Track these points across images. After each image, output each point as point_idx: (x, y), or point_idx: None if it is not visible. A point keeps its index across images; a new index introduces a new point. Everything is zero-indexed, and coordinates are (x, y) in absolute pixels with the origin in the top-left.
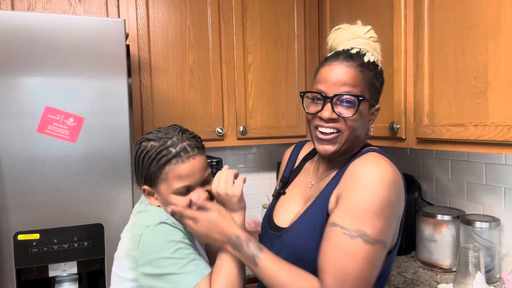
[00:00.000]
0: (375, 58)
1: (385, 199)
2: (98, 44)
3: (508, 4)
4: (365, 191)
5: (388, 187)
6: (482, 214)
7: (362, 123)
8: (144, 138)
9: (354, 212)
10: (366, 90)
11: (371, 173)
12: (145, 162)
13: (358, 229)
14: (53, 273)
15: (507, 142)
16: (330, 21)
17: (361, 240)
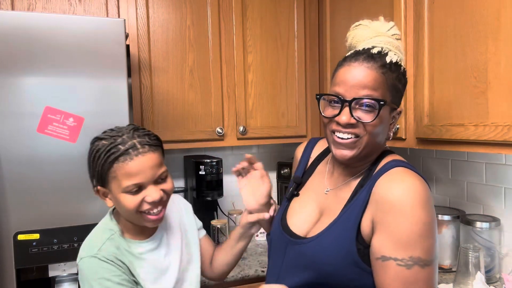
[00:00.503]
0: (398, 58)
1: (427, 220)
2: (98, 44)
3: (508, 4)
4: (407, 216)
5: (426, 207)
6: (482, 214)
7: (383, 128)
8: (96, 138)
9: (403, 240)
10: (387, 93)
11: (407, 195)
12: (95, 161)
13: (412, 257)
14: (53, 273)
15: (507, 142)
16: (330, 21)
17: (417, 266)
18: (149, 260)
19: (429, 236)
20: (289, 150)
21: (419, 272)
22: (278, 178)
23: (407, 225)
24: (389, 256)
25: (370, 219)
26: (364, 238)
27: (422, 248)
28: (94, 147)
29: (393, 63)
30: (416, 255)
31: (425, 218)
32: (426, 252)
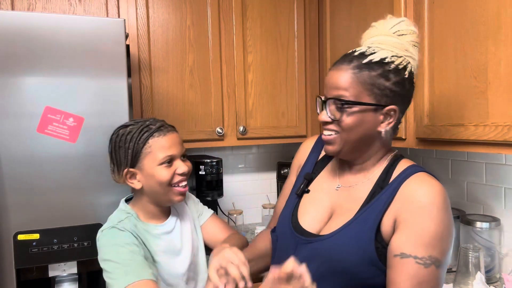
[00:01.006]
0: (388, 55)
1: (448, 222)
2: (98, 44)
3: (508, 4)
4: (430, 217)
5: (447, 210)
6: (482, 214)
7: (359, 125)
8: (119, 127)
9: (425, 240)
10: (364, 92)
11: (430, 197)
12: (127, 142)
13: (431, 256)
14: (53, 273)
15: (507, 142)
16: (330, 21)
17: (434, 266)
18: (165, 240)
19: (448, 239)
20: (289, 150)
21: (434, 271)
22: (278, 178)
23: (432, 226)
24: (409, 254)
25: (393, 218)
26: (383, 237)
27: (441, 249)
28: (122, 132)
29: (374, 61)
30: (435, 255)
31: (447, 221)
32: (443, 254)
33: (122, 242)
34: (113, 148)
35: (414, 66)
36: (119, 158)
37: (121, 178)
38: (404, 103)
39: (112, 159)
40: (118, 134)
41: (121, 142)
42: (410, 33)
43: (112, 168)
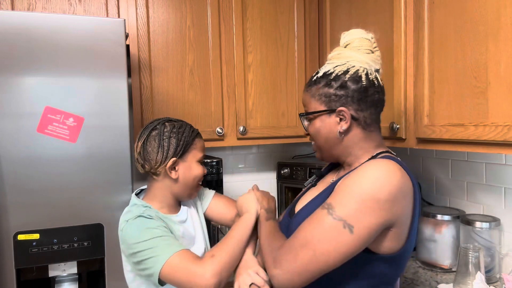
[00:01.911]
0: (330, 68)
1: (369, 191)
2: (98, 44)
3: (508, 4)
4: (357, 180)
5: (379, 183)
6: (482, 214)
7: (325, 131)
8: (162, 120)
9: (337, 193)
10: (317, 103)
11: (372, 169)
12: (181, 133)
13: (330, 204)
14: (53, 273)
15: (507, 142)
16: (330, 21)
17: (326, 211)
18: (183, 228)
19: (358, 203)
20: (289, 150)
21: (323, 214)
22: (278, 178)
23: (351, 185)
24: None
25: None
26: None
27: (344, 204)
28: (170, 124)
29: (319, 76)
30: (333, 204)
31: (370, 189)
32: (342, 209)
33: (154, 225)
34: (162, 137)
35: (360, 67)
36: (169, 147)
37: (161, 166)
38: (355, 102)
39: (158, 147)
40: (165, 125)
41: (173, 133)
42: (353, 40)
43: (155, 156)
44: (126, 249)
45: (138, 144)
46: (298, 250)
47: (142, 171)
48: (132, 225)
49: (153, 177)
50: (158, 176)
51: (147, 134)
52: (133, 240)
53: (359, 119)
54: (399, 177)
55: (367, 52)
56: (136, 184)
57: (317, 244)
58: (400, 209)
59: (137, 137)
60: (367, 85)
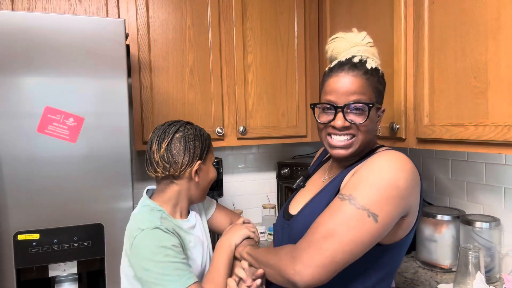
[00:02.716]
0: (376, 64)
1: (389, 179)
2: (98, 44)
3: (508, 4)
4: (374, 170)
5: (397, 172)
6: (482, 214)
7: (372, 126)
8: (183, 123)
9: (355, 184)
10: (373, 95)
11: (386, 159)
12: (201, 136)
13: (350, 194)
14: (53, 273)
15: (507, 142)
16: (330, 21)
17: (348, 201)
18: (194, 235)
19: (379, 191)
20: (289, 150)
21: (345, 205)
22: (278, 178)
23: (369, 174)
24: (340, 193)
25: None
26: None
27: (365, 193)
28: (195, 128)
29: (373, 68)
30: (354, 195)
31: (389, 177)
32: (364, 198)
33: (169, 244)
34: (187, 140)
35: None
36: (195, 150)
37: (186, 170)
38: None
39: (185, 150)
40: (187, 128)
41: (196, 136)
42: (374, 44)
43: (181, 159)
44: (133, 258)
45: (161, 146)
46: (321, 242)
47: (161, 174)
48: (148, 237)
49: (173, 181)
50: (179, 180)
51: (171, 137)
52: (146, 255)
53: None
54: (411, 165)
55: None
56: (136, 184)
57: (342, 234)
58: (414, 197)
59: (155, 139)
60: None
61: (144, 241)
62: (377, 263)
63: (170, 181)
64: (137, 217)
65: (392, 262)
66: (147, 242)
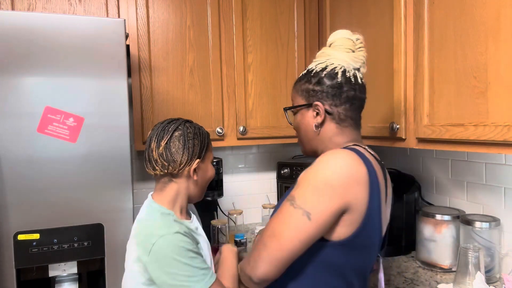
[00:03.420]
0: (312, 66)
1: (323, 177)
2: (98, 44)
3: (508, 4)
4: (312, 169)
5: (332, 171)
6: (482, 214)
7: (304, 125)
8: (182, 121)
9: (297, 184)
10: (299, 99)
11: (324, 160)
12: (201, 134)
13: (292, 195)
14: (53, 273)
15: (507, 142)
16: (330, 21)
17: (289, 202)
18: (201, 236)
19: (314, 191)
20: (289, 150)
21: (286, 206)
22: (278, 178)
23: (307, 175)
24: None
25: None
26: None
27: (302, 194)
28: (193, 126)
29: (303, 73)
30: (295, 195)
31: (323, 176)
32: (301, 198)
33: (191, 246)
34: (186, 138)
35: (338, 64)
36: (194, 148)
37: (185, 168)
38: (330, 97)
39: (183, 148)
40: (186, 126)
41: (195, 134)
42: (336, 40)
43: (179, 158)
44: (157, 264)
45: (160, 144)
46: (267, 241)
47: (160, 172)
48: (171, 242)
49: (172, 180)
50: (177, 178)
51: (170, 135)
52: (170, 259)
53: (333, 113)
54: (351, 164)
55: (347, 51)
56: (136, 184)
57: (281, 233)
58: (353, 195)
59: (153, 137)
60: (342, 82)
61: (167, 246)
62: (327, 261)
63: (168, 179)
64: (148, 222)
65: (346, 261)
66: (170, 247)
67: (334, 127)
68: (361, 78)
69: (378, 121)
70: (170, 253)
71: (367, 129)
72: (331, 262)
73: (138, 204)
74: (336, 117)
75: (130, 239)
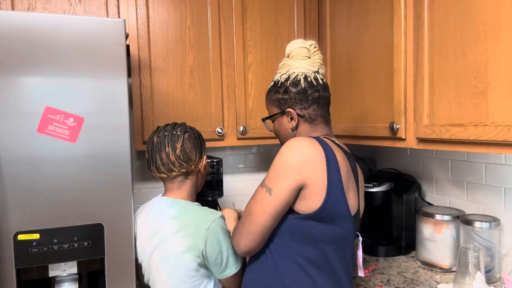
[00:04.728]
0: (276, 78)
1: (282, 158)
2: (98, 44)
3: (508, 4)
4: (277, 155)
5: (288, 152)
6: (482, 214)
7: (282, 130)
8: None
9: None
10: (273, 108)
11: (284, 145)
12: (200, 134)
13: (263, 179)
14: (53, 273)
15: (507, 142)
16: (330, 21)
17: (260, 186)
18: None
19: (276, 171)
20: None
21: (259, 188)
22: None
23: (274, 160)
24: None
25: None
26: None
27: (267, 174)
28: (191, 127)
29: (271, 85)
30: (264, 178)
31: (282, 158)
32: (266, 178)
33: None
34: (194, 138)
35: (299, 72)
36: (201, 146)
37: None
38: (298, 102)
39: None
40: (191, 128)
41: (197, 134)
42: (292, 51)
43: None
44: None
45: (176, 147)
46: (244, 219)
47: (177, 173)
48: (220, 224)
49: (187, 177)
50: (191, 175)
51: (183, 138)
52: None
53: (304, 116)
54: (305, 146)
55: (304, 58)
56: (136, 184)
57: (252, 209)
58: (309, 172)
59: (166, 143)
60: (305, 87)
61: (218, 229)
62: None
63: (184, 177)
64: (189, 215)
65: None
66: (219, 228)
67: (307, 127)
68: (322, 78)
69: (378, 121)
70: (222, 233)
71: (367, 129)
72: (303, 233)
73: (138, 204)
74: (308, 118)
75: (172, 235)
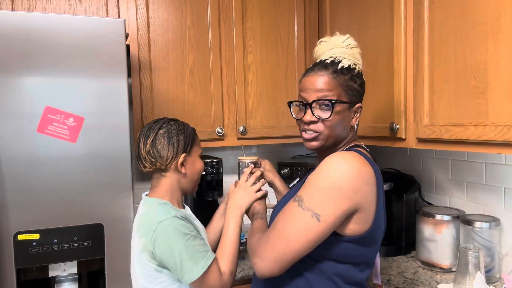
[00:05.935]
0: (351, 63)
1: (333, 181)
2: (98, 44)
3: (508, 4)
4: (321, 172)
5: (341, 173)
6: (482, 214)
7: (341, 121)
8: (166, 120)
9: (305, 186)
10: (343, 93)
11: (332, 162)
12: (186, 130)
13: (299, 196)
14: (53, 273)
15: (507, 142)
16: (330, 21)
17: (297, 203)
18: (197, 221)
19: (323, 193)
20: (289, 150)
21: (293, 207)
22: None
23: (315, 177)
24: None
25: None
26: None
27: (310, 195)
28: (177, 123)
29: (345, 68)
30: (302, 196)
31: (332, 179)
32: (309, 200)
33: (188, 230)
34: (170, 135)
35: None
36: (178, 144)
37: (172, 162)
38: (362, 100)
39: (169, 144)
40: (171, 124)
41: (180, 130)
42: (356, 46)
43: (165, 153)
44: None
45: (147, 142)
46: (273, 240)
47: (149, 169)
48: (169, 226)
49: (161, 174)
50: (166, 172)
51: (155, 133)
52: (172, 241)
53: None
54: (358, 166)
55: (360, 53)
56: (136, 184)
57: (290, 233)
58: (363, 196)
59: (141, 137)
60: (364, 82)
61: (167, 230)
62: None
63: (159, 175)
64: (148, 214)
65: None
66: (169, 230)
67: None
68: None
69: (378, 121)
70: (171, 235)
71: (367, 129)
72: (344, 254)
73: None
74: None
75: (133, 234)
